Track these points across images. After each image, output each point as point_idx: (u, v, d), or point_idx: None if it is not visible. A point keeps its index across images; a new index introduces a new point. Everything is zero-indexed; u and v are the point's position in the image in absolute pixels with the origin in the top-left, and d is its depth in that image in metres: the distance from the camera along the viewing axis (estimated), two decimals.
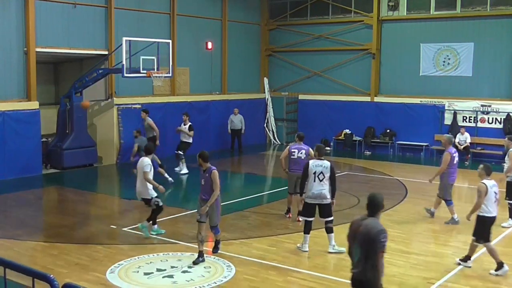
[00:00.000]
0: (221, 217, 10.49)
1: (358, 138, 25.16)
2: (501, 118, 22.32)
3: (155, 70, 18.91)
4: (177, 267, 9.70)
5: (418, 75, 24.26)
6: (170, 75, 20.13)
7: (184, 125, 19.08)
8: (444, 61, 23.75)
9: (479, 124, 22.82)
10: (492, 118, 22.61)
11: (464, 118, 23.06)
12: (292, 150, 13.05)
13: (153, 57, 18.93)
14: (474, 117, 22.85)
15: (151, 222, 11.66)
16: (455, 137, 22.47)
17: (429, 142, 23.40)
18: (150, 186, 11.53)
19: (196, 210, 10.52)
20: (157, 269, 9.59)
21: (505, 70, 22.45)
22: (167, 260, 10.04)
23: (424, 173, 19.40)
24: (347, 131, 25.39)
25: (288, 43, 27.48)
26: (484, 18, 22.92)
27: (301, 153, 13.04)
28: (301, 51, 27.15)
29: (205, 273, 9.42)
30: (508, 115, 22.11)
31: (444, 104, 23.42)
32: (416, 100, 23.95)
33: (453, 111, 23.22)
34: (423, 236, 12.06)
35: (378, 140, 24.68)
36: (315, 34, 26.63)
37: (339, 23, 26.13)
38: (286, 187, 13.54)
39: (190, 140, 18.96)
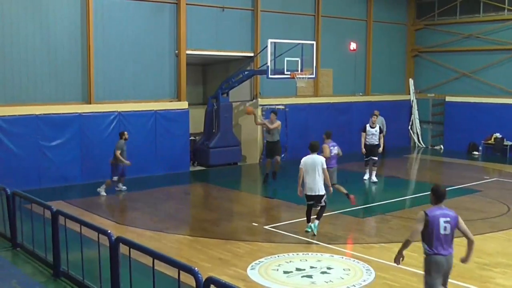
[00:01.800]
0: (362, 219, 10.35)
1: (510, 143, 23.80)
2: None
3: (299, 71, 19.10)
4: (316, 267, 9.75)
5: None
6: (314, 76, 20.24)
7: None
8: None
9: None
10: None
11: None
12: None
13: (297, 59, 19.13)
14: None
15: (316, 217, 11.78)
16: None
17: None
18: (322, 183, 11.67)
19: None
20: (296, 268, 9.70)
21: None
22: (306, 260, 10.12)
23: None
24: (498, 135, 24.11)
25: (435, 43, 26.61)
26: None
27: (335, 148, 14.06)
28: (449, 51, 26.17)
29: (344, 276, 9.38)
30: None
31: None
32: None
33: None
34: None
35: None
36: (465, 34, 25.54)
37: (491, 21, 24.88)
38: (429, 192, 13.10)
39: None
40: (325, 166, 11.59)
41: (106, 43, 17.78)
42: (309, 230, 11.66)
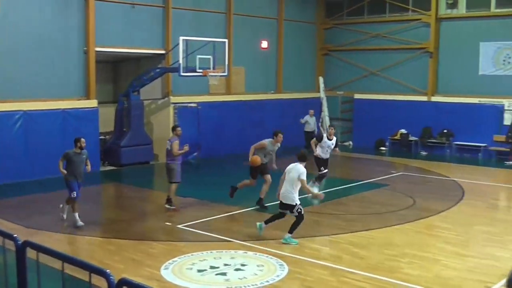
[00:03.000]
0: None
1: (414, 138, 24.78)
2: None
3: (211, 69, 19.11)
4: (230, 265, 9.78)
5: (477, 74, 23.72)
6: (226, 74, 20.29)
7: None
8: (504, 60, 23.15)
9: None
10: None
11: None
12: None
13: (209, 57, 19.13)
14: None
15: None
16: None
17: (488, 143, 22.83)
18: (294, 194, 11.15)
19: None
20: (210, 266, 9.69)
21: None
22: (220, 258, 10.13)
23: (482, 174, 19.03)
24: (403, 131, 25.06)
25: (344, 42, 27.30)
26: None
27: None
28: (358, 50, 26.93)
29: (258, 272, 9.46)
30: None
31: (504, 104, 22.81)
32: (475, 100, 23.41)
33: None
34: (481, 238, 11.77)
35: (434, 141, 24.25)
36: (372, 33, 26.36)
37: (396, 21, 25.80)
38: (341, 187, 13.42)
39: None
40: (303, 177, 10.97)
41: (9, 39, 17.05)
42: (259, 228, 11.44)
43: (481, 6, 23.70)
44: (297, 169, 11.05)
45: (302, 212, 11.08)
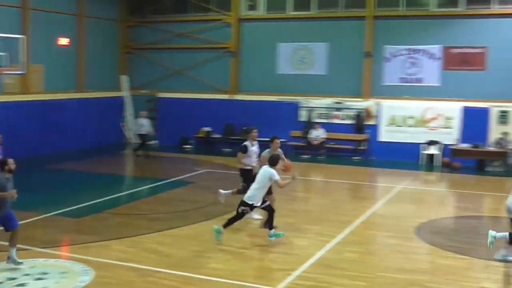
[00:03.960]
0: (78, 219, 10.11)
1: (218, 136, 25.40)
2: (353, 115, 23.50)
3: (7, 66, 17.93)
4: (30, 274, 9.23)
5: (275, 73, 24.94)
6: (23, 72, 19.17)
7: None
8: (300, 60, 24.59)
9: (333, 121, 23.91)
10: (344, 115, 23.76)
11: (319, 114, 24.05)
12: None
13: (3, 53, 17.93)
14: (328, 113, 23.92)
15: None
16: (310, 133, 23.46)
17: (286, 138, 24.05)
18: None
19: None
20: (7, 278, 9.06)
21: (356, 69, 23.65)
22: (19, 268, 9.51)
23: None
24: (207, 128, 25.58)
25: (148, 40, 27.13)
26: (337, 20, 24.05)
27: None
28: (162, 48, 26.92)
29: (60, 279, 9.04)
30: (358, 111, 23.35)
31: (300, 102, 24.25)
32: (274, 98, 24.59)
33: (308, 109, 24.12)
34: (282, 229, 12.33)
35: (237, 137, 25.00)
36: (176, 32, 26.51)
37: (199, 21, 26.21)
38: (146, 186, 13.36)
39: None
40: (275, 178, 10.93)
41: None
42: (216, 232, 11.11)
43: (279, 9, 24.95)
44: (267, 172, 11.04)
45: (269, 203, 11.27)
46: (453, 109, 22.26)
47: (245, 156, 12.92)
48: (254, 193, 11.06)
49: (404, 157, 22.31)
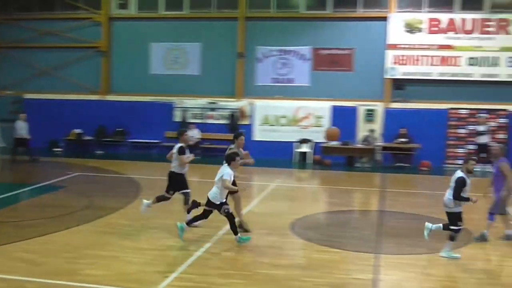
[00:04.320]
0: None
1: (90, 138, 24.67)
2: (227, 115, 23.72)
3: None
4: None
5: (148, 73, 24.63)
6: None
7: None
8: (173, 60, 24.46)
9: (207, 121, 23.99)
10: (219, 115, 23.92)
11: (194, 115, 24.04)
12: None
13: None
14: (202, 114, 23.98)
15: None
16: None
17: (161, 139, 23.87)
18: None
19: None
20: None
21: (229, 69, 23.90)
22: None
23: (157, 169, 19.73)
24: (78, 130, 24.76)
25: (13, 39, 25.80)
26: (210, 20, 24.16)
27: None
28: (28, 47, 25.73)
29: None
30: (232, 111, 23.61)
31: (174, 102, 24.11)
32: (147, 99, 24.27)
33: (183, 109, 24.04)
34: (158, 231, 12.18)
35: (110, 139, 24.48)
36: (43, 30, 25.42)
37: (67, 19, 25.33)
38: (17, 191, 12.67)
39: None
40: (224, 177, 10.81)
41: None
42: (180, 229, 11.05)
43: (151, 8, 24.65)
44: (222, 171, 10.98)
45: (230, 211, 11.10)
46: (323, 108, 23.10)
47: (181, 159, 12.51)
48: (216, 192, 11.06)
49: (278, 156, 22.85)
